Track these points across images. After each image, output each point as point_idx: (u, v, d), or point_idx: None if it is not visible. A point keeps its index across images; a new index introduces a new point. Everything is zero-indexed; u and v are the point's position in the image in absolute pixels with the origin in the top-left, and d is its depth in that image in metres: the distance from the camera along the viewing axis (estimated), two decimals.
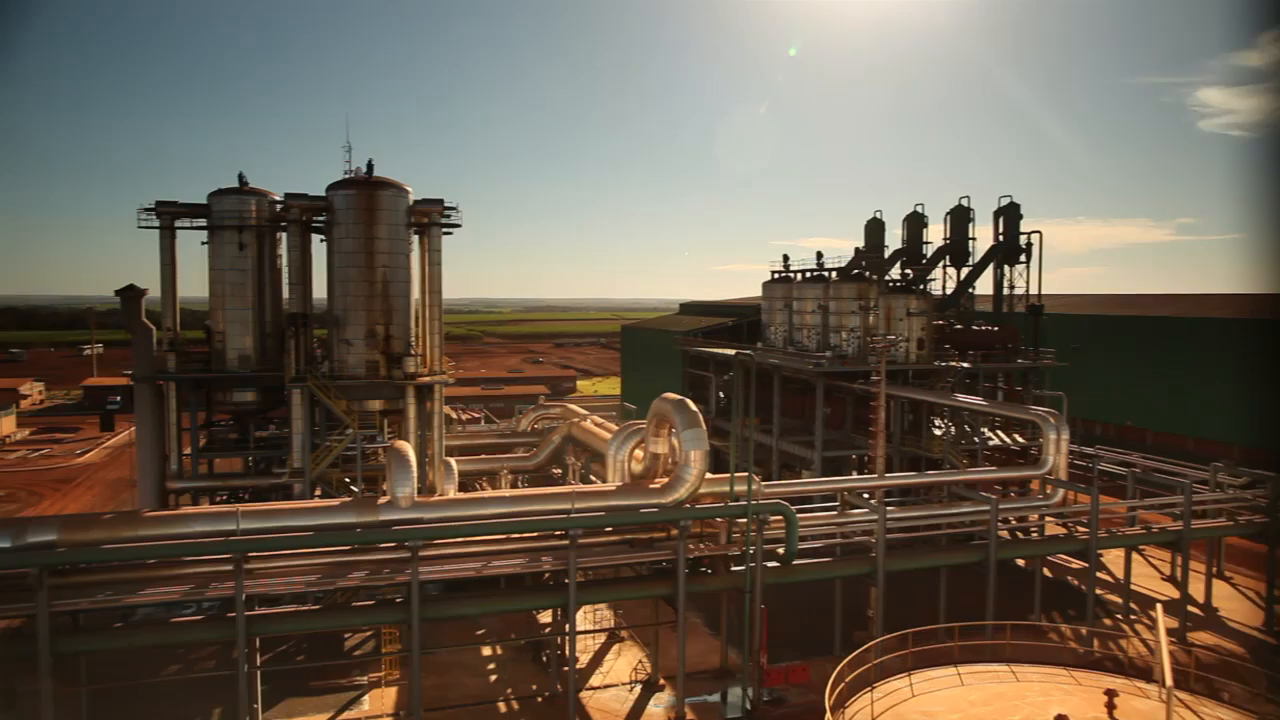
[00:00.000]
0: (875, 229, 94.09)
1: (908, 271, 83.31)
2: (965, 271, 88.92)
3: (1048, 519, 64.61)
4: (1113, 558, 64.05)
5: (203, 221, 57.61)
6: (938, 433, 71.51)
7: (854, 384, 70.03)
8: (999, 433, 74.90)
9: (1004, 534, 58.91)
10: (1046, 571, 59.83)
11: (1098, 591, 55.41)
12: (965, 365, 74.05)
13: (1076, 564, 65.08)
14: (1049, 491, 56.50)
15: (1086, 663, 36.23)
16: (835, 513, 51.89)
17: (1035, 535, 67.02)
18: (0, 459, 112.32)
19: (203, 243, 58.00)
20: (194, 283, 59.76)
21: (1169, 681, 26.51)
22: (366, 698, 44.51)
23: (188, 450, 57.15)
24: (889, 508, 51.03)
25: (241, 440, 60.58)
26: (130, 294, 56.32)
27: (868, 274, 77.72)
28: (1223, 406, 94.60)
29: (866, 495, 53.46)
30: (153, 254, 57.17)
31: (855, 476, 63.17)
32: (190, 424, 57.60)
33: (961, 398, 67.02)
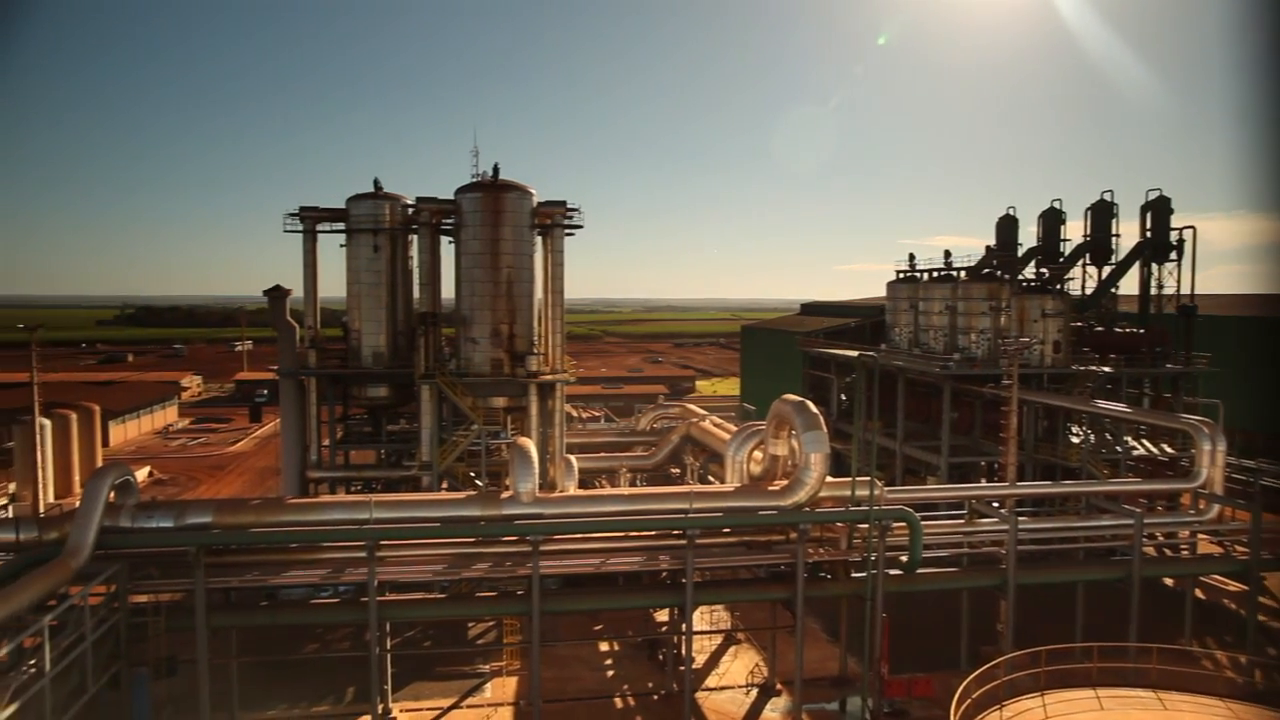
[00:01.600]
0: (1008, 226, 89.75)
1: (1043, 270, 79.09)
2: (1107, 270, 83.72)
3: (1200, 537, 59.98)
4: (1277, 581, 58.86)
5: (341, 225, 60.62)
6: (1075, 440, 67.59)
7: (983, 388, 67.10)
8: (1145, 442, 70.09)
9: (1149, 550, 55.10)
10: (1199, 593, 55.62)
11: (1260, 618, 51.01)
12: (1106, 370, 69.77)
13: (1234, 586, 60.08)
14: (1202, 507, 52.41)
15: (1246, 694, 33.38)
16: (962, 521, 49.88)
17: (1185, 553, 62.35)
18: (164, 446, 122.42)
19: (341, 245, 61.07)
20: (333, 283, 63.24)
21: None
22: (488, 686, 45.90)
23: (326, 441, 60.31)
24: (1021, 517, 48.62)
25: (375, 433, 63.48)
26: (276, 294, 60.14)
27: (999, 273, 74.29)
28: None
29: (996, 504, 51.11)
30: (296, 256, 60.93)
31: (984, 484, 60.55)
32: (329, 417, 60.88)
33: (1102, 404, 63.05)
